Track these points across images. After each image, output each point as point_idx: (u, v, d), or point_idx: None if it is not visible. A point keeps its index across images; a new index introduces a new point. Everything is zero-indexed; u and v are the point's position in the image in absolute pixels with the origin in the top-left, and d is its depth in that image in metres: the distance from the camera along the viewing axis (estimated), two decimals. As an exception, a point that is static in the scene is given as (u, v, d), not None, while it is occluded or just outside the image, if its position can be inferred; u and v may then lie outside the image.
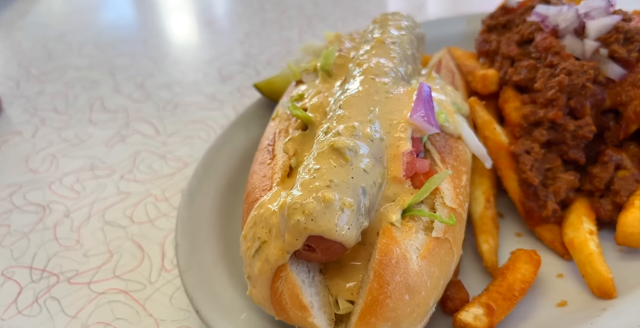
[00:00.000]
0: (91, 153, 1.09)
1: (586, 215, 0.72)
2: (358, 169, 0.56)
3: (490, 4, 1.03)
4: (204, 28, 1.59)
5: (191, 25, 1.63)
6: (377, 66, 0.70)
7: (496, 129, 0.76)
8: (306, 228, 0.52)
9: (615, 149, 0.75)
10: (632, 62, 0.73)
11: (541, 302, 0.67)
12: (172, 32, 1.57)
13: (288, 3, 1.69)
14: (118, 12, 1.76)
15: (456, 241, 0.62)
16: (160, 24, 1.63)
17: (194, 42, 1.52)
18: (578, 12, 0.79)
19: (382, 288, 0.54)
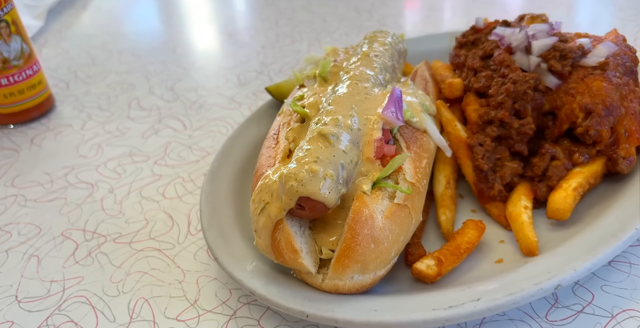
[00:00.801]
0: (130, 143, 1.27)
1: (525, 195, 0.88)
2: (339, 150, 0.73)
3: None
4: (226, 40, 1.77)
5: (215, 37, 1.81)
6: (361, 74, 0.87)
7: (457, 126, 0.93)
8: (297, 191, 0.69)
9: (552, 143, 0.91)
10: (565, 74, 0.89)
11: (483, 259, 0.82)
12: (198, 42, 1.76)
13: (300, 19, 1.87)
14: (152, 25, 1.95)
15: (414, 208, 0.78)
16: (188, 35, 1.81)
17: (217, 52, 1.70)
18: (527, 33, 0.95)
19: (354, 238, 0.71)
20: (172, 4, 2.16)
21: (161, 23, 1.94)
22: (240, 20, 1.90)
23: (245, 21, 1.89)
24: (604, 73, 0.87)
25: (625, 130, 0.87)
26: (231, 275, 0.78)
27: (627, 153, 0.86)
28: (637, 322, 0.74)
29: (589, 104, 0.84)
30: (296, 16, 1.89)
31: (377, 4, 1.91)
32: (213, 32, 1.85)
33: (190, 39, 1.78)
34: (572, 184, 0.84)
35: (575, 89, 0.87)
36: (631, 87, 0.90)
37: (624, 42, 0.97)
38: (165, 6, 2.13)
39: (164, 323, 0.82)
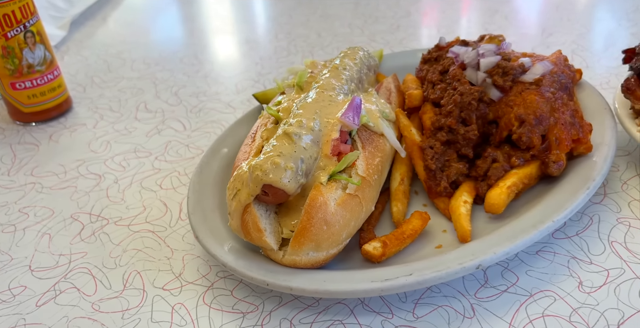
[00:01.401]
0: (135, 140, 1.41)
1: (467, 192, 0.99)
2: (300, 147, 0.86)
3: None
4: (229, 51, 1.91)
5: (219, 49, 1.95)
6: (328, 84, 1.00)
7: (412, 131, 1.05)
8: (262, 179, 0.82)
9: (494, 148, 1.03)
10: (506, 88, 1.01)
11: (425, 245, 0.94)
12: (203, 53, 1.90)
13: (297, 33, 2.01)
14: (163, 36, 2.10)
15: (365, 198, 0.90)
16: (195, 47, 1.96)
17: (219, 62, 1.83)
18: (478, 52, 1.07)
19: (309, 220, 0.83)
20: (183, 18, 2.31)
21: (172, 35, 2.09)
22: (244, 34, 2.04)
23: (248, 35, 2.03)
24: (538, 88, 0.99)
25: (556, 138, 0.98)
26: (208, 251, 0.91)
27: (557, 158, 0.98)
28: (550, 300, 0.86)
29: (522, 114, 0.96)
30: (294, 31, 2.03)
31: (369, 21, 2.04)
32: (218, 45, 1.99)
33: (196, 50, 1.92)
34: (507, 183, 0.96)
35: (513, 101, 0.99)
36: (564, 101, 1.02)
37: (564, 62, 1.09)
38: (177, 20, 2.29)
39: (152, 291, 0.95)
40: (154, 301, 0.93)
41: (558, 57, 1.09)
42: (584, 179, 0.95)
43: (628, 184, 1.08)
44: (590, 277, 0.89)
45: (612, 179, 1.10)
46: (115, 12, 2.41)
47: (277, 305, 0.90)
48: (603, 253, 0.93)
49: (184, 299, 0.93)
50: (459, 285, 0.90)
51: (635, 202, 1.03)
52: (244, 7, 2.45)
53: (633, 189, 1.06)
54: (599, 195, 1.06)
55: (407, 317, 0.86)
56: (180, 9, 2.46)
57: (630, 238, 0.95)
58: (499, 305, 0.86)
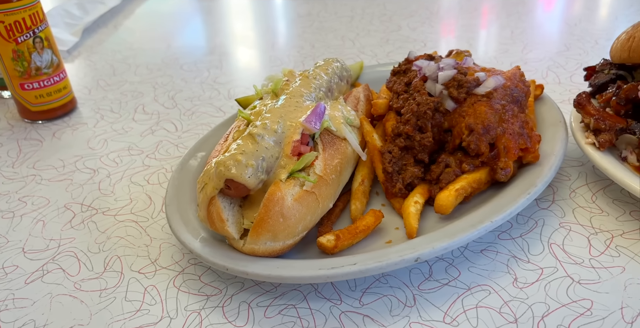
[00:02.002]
0: (130, 139, 1.51)
1: (420, 193, 1.07)
2: (262, 146, 0.94)
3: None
4: (225, 60, 2.01)
5: (216, 57, 2.05)
6: (296, 91, 1.09)
7: (374, 136, 1.13)
8: (224, 174, 0.91)
9: (448, 154, 1.10)
10: (461, 100, 1.09)
11: (377, 240, 1.01)
12: (202, 61, 2.00)
13: (292, 44, 2.10)
14: (167, 44, 2.22)
15: (321, 195, 0.98)
16: (194, 55, 2.06)
17: (216, 70, 1.93)
18: (439, 66, 1.16)
19: (267, 212, 0.92)
20: (188, 29, 2.43)
21: (174, 43, 2.20)
22: (241, 44, 2.14)
23: (246, 44, 2.14)
24: (489, 100, 1.07)
25: (504, 147, 1.06)
26: (178, 238, 1.00)
27: (505, 165, 1.05)
28: (485, 293, 0.93)
29: (472, 123, 1.04)
30: (290, 42, 2.13)
31: (361, 34, 2.13)
32: (216, 53, 2.09)
33: (196, 58, 2.02)
34: (456, 186, 1.03)
35: (465, 111, 1.07)
36: (514, 113, 1.09)
37: (520, 78, 1.17)
38: (182, 30, 2.40)
39: (128, 273, 1.04)
40: (129, 282, 1.02)
41: (514, 73, 1.17)
42: (527, 185, 1.03)
43: (576, 192, 1.15)
44: (525, 274, 0.96)
45: (562, 187, 1.17)
46: (127, 21, 2.53)
47: (238, 290, 0.98)
48: (541, 253, 1.00)
49: (157, 282, 1.01)
50: (405, 277, 0.98)
51: (579, 209, 1.10)
52: (246, 20, 2.57)
53: (580, 197, 1.13)
54: (548, 201, 1.13)
55: (354, 304, 0.93)
56: (188, 20, 2.57)
57: (569, 241, 1.02)
58: (438, 297, 0.93)
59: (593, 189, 1.15)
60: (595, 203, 1.11)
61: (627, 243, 1.00)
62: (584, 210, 1.10)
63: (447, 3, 2.39)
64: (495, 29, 2.08)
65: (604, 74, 1.27)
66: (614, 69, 1.26)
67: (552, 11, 2.19)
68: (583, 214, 1.08)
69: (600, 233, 1.03)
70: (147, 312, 0.95)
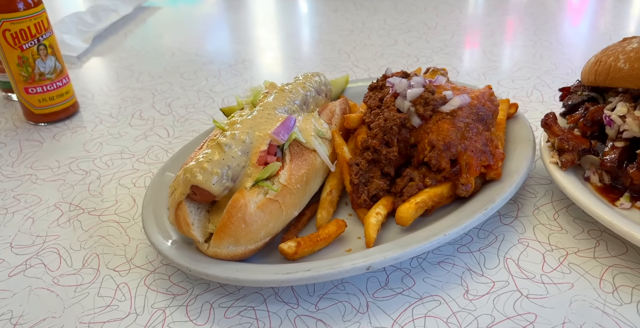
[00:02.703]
0: (124, 143, 1.58)
1: (383, 205, 1.11)
2: (228, 156, 0.99)
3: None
4: (224, 70, 2.07)
5: (215, 67, 2.11)
6: (269, 104, 1.14)
7: (343, 149, 1.17)
8: (190, 180, 0.96)
9: (413, 169, 1.14)
10: (426, 117, 1.12)
11: (338, 248, 1.05)
12: (201, 70, 2.06)
13: (290, 56, 2.15)
14: (170, 52, 2.29)
15: (285, 204, 1.03)
16: (195, 64, 2.13)
17: (213, 79, 1.99)
18: (409, 83, 1.19)
19: (230, 218, 0.96)
20: (192, 38, 2.50)
21: (178, 52, 2.27)
22: (242, 55, 2.20)
23: (246, 55, 2.20)
24: (452, 118, 1.10)
25: (466, 163, 1.09)
26: (149, 239, 1.05)
27: (466, 181, 1.08)
28: (436, 303, 0.96)
29: (434, 140, 1.08)
30: (289, 54, 2.18)
31: (357, 47, 2.18)
32: (215, 63, 2.16)
33: (196, 67, 2.09)
34: (417, 200, 1.07)
35: (430, 128, 1.11)
36: (479, 130, 1.13)
37: (489, 97, 1.20)
38: (186, 39, 2.47)
39: (104, 271, 1.09)
40: (104, 279, 1.07)
41: (483, 92, 1.20)
42: (486, 201, 1.06)
43: (540, 209, 1.17)
44: (477, 287, 0.99)
45: (527, 204, 1.19)
46: (137, 29, 2.62)
47: (203, 291, 1.03)
48: (496, 267, 1.03)
49: (129, 280, 1.07)
50: (362, 285, 1.01)
51: (540, 226, 1.12)
52: (248, 29, 2.63)
53: (542, 215, 1.16)
54: (510, 217, 1.16)
55: (310, 308, 0.97)
56: (194, 30, 2.65)
57: (524, 257, 1.05)
58: (391, 305, 0.97)
59: (556, 208, 1.17)
60: (556, 221, 1.13)
61: (579, 261, 1.02)
62: (544, 227, 1.12)
63: (445, 20, 2.42)
64: (489, 47, 2.10)
65: (577, 95, 1.30)
66: (586, 91, 1.29)
67: (546, 30, 2.21)
68: (543, 231, 1.11)
69: (556, 250, 1.06)
70: (116, 308, 1.00)
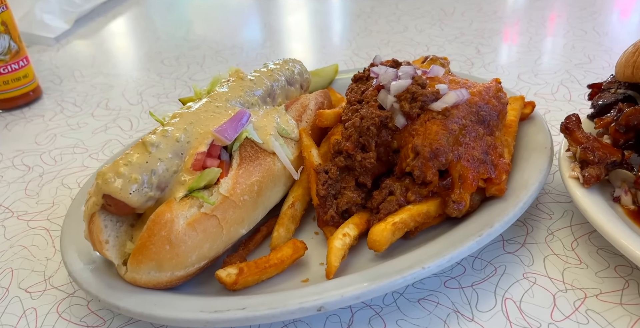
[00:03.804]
0: (80, 136, 1.41)
1: (355, 224, 0.90)
2: (154, 158, 0.81)
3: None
4: (211, 58, 1.89)
5: (200, 55, 1.93)
6: (218, 94, 0.95)
7: (312, 152, 0.97)
8: (101, 188, 0.77)
9: (394, 180, 0.93)
10: (413, 116, 0.92)
11: (293, 277, 0.85)
12: (184, 56, 1.89)
13: (286, 43, 1.96)
14: (157, 36, 2.12)
15: (226, 220, 0.84)
16: (179, 49, 1.95)
17: (196, 68, 1.81)
18: (397, 74, 0.98)
19: (150, 237, 0.78)
20: (183, 21, 2.33)
21: (164, 36, 2.10)
22: (231, 40, 2.02)
23: (235, 41, 2.01)
24: (444, 119, 0.89)
25: (460, 176, 0.88)
26: (63, 256, 0.88)
27: (459, 198, 0.87)
28: (405, 357, 0.76)
29: (418, 145, 0.87)
30: (285, 40, 1.99)
31: (362, 34, 1.97)
32: (201, 48, 1.98)
33: (179, 52, 1.92)
34: (395, 220, 0.86)
35: (416, 130, 0.90)
36: (479, 135, 0.91)
37: (494, 93, 0.98)
38: (175, 22, 2.30)
39: (14, 291, 0.93)
40: (10, 302, 0.91)
41: (488, 87, 0.98)
42: (482, 224, 0.85)
43: (554, 235, 0.95)
44: (463, 336, 0.78)
45: (538, 228, 0.97)
46: (128, 10, 2.46)
47: (124, 323, 0.85)
48: (491, 310, 0.82)
49: (40, 304, 0.90)
50: (319, 325, 0.82)
51: (552, 257, 0.91)
52: (240, 13, 2.44)
53: (557, 242, 0.94)
54: (516, 244, 0.94)
55: (248, 354, 0.79)
56: (188, 13, 2.47)
57: (529, 298, 0.83)
58: (350, 354, 0.77)
59: (576, 234, 0.95)
60: (574, 251, 0.92)
61: (601, 307, 0.81)
62: (559, 258, 0.90)
63: (465, 5, 2.19)
64: (512, 35, 1.86)
65: (610, 93, 1.07)
66: (622, 88, 1.05)
67: (582, 18, 1.95)
68: (556, 264, 0.89)
69: (571, 290, 0.84)
70: (15, 340, 0.83)
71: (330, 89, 1.32)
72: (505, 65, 1.63)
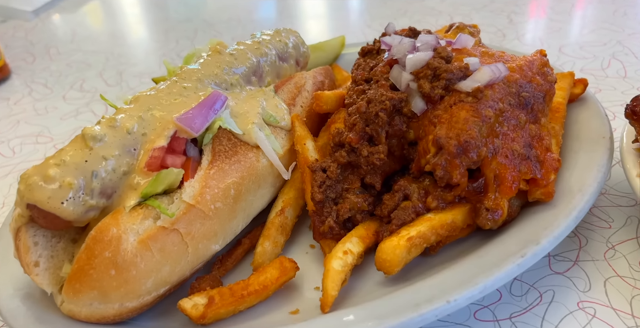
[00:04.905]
0: (46, 123, 1.25)
1: (360, 237, 0.73)
2: (97, 155, 0.63)
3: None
4: (201, 29, 1.71)
5: (191, 27, 1.75)
6: (191, 72, 0.76)
7: (306, 145, 0.79)
8: (24, 196, 0.61)
9: (410, 180, 0.75)
10: (434, 98, 0.73)
11: (280, 306, 0.70)
12: (174, 29, 1.71)
13: (295, 14, 1.77)
14: (156, 8, 1.93)
15: (192, 234, 0.66)
16: (169, 22, 1.77)
17: (185, 41, 1.64)
18: (414, 45, 0.79)
19: (89, 260, 0.61)
20: None
21: (154, 8, 1.92)
22: (228, 12, 1.83)
23: (233, 13, 1.82)
24: (476, 102, 0.70)
25: (496, 176, 0.69)
26: (-10, 279, 0.71)
27: (495, 205, 0.69)
28: None
29: (442, 137, 0.68)
30: (295, 10, 1.79)
31: (374, 4, 1.77)
32: (194, 21, 1.79)
33: (169, 25, 1.74)
34: (410, 233, 0.69)
35: (439, 117, 0.71)
36: (520, 123, 0.72)
37: (539, 68, 0.78)
38: None
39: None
40: None
41: (531, 61, 0.79)
42: (524, 240, 0.66)
43: (616, 250, 0.77)
44: (499, 390, 0.61)
45: (595, 240, 0.79)
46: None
47: (68, 361, 0.69)
48: (536, 353, 0.64)
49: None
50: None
51: (616, 280, 0.73)
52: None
53: (620, 260, 0.75)
54: (566, 261, 0.76)
55: None
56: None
57: (587, 336, 0.65)
58: None
59: (645, 248, 0.76)
60: (643, 272, 0.73)
61: (685, 353, 0.62)
62: (624, 282, 0.72)
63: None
64: (550, 2, 1.64)
65: (685, 67, 0.86)
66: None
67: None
68: (621, 289, 0.72)
69: (642, 326, 0.66)
70: None
71: (335, 66, 1.14)
72: (544, 36, 1.43)
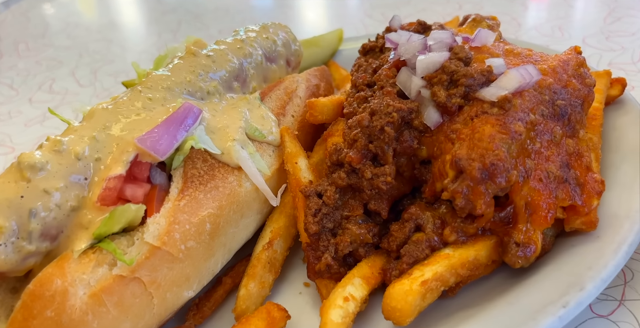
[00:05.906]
0: (8, 130, 1.14)
1: (364, 278, 0.62)
2: (36, 189, 0.52)
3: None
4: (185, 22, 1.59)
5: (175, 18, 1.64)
6: (158, 79, 0.65)
7: (298, 163, 0.68)
8: (-57, 242, 0.49)
9: (423, 207, 0.64)
10: (451, 109, 0.61)
11: (266, 366, 0.59)
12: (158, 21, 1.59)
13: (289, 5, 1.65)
14: None
15: (157, 282, 0.55)
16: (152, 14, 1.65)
17: (168, 35, 1.52)
18: (426, 43, 0.67)
19: (26, 321, 0.50)
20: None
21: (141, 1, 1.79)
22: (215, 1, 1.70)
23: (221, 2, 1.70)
24: (502, 114, 0.58)
25: (528, 204, 0.58)
26: None
27: (526, 239, 0.58)
28: None
29: (463, 159, 0.56)
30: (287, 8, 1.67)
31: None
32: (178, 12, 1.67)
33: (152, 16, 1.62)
34: (425, 275, 0.58)
35: (458, 132, 0.60)
36: (555, 138, 0.60)
37: (575, 69, 0.66)
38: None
39: None
40: None
41: (564, 61, 0.67)
42: (565, 284, 0.55)
43: (671, 286, 0.66)
44: None
45: (640, 272, 0.68)
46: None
47: None
48: None
49: None
50: None
51: (668, 322, 0.61)
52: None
53: (674, 297, 0.64)
54: (610, 300, 0.66)
55: None
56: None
57: None
58: None
59: None
60: None
61: None
62: (678, 326, 0.61)
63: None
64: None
65: None
66: None
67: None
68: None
69: None
70: None
71: (332, 63, 1.02)
72: (564, 25, 1.31)
